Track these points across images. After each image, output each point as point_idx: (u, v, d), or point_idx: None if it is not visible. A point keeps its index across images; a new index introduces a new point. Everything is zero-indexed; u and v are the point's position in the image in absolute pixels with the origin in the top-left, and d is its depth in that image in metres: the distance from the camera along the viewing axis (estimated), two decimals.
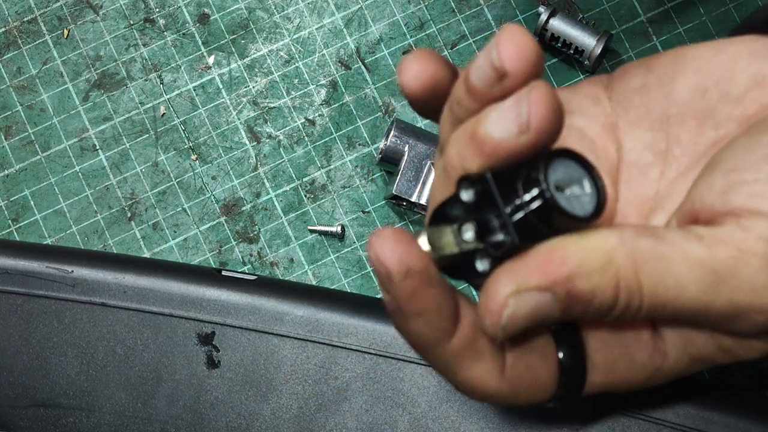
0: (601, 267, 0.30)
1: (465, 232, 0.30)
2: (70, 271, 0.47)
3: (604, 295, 0.30)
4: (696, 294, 0.30)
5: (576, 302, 0.30)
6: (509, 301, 0.29)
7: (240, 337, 0.46)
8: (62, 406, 0.46)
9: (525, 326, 0.30)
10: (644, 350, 0.34)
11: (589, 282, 0.29)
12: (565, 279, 0.29)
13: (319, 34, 0.54)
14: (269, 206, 0.53)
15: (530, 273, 0.29)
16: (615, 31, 0.54)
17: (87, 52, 0.54)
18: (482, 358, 0.32)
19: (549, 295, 0.29)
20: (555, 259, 0.29)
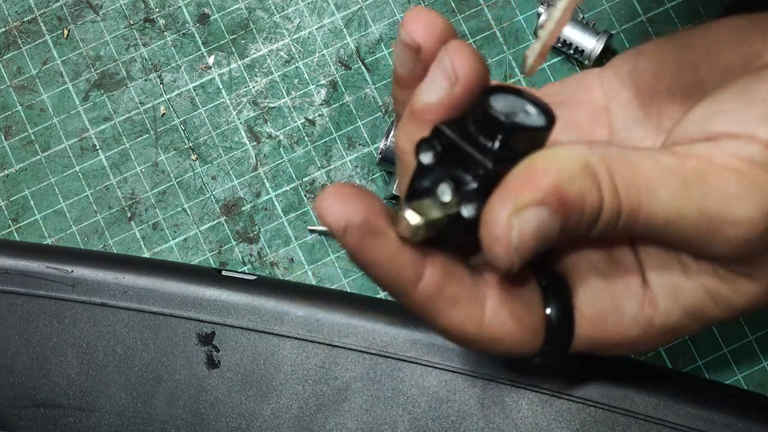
0: (580, 171, 0.30)
1: (442, 195, 0.31)
2: (70, 271, 0.47)
3: (592, 198, 0.30)
4: (666, 199, 0.30)
5: (570, 211, 0.30)
6: (512, 221, 0.29)
7: (240, 337, 0.46)
8: (62, 406, 0.46)
9: (534, 247, 0.30)
10: (634, 301, 0.34)
11: (575, 186, 0.30)
12: (554, 187, 0.29)
13: (319, 34, 0.54)
14: (269, 206, 0.53)
15: (521, 191, 0.29)
16: (615, 31, 0.54)
17: (87, 52, 0.54)
18: (457, 305, 0.32)
19: (545, 208, 0.29)
20: (538, 173, 0.30)
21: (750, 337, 0.51)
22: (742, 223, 0.30)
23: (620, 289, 0.34)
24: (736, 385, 0.50)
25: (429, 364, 0.45)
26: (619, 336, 0.34)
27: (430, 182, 0.31)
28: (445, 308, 0.32)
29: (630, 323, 0.34)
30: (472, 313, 0.32)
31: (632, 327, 0.34)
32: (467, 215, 0.30)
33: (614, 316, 0.34)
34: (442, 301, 0.32)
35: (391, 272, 0.31)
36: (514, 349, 0.33)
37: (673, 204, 0.30)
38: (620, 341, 0.34)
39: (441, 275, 0.32)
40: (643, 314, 0.34)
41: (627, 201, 0.30)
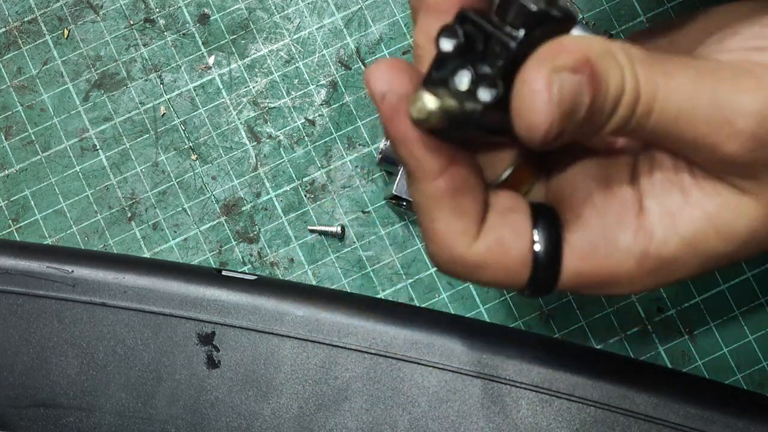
0: (605, 52, 0.30)
1: (460, 83, 0.31)
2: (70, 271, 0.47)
3: (616, 77, 0.30)
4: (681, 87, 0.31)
5: (599, 84, 0.30)
6: (553, 78, 0.29)
7: (240, 337, 0.46)
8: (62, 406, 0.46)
9: (571, 113, 0.30)
10: (628, 230, 0.33)
11: (602, 63, 0.30)
12: (585, 57, 0.30)
13: (319, 34, 0.54)
14: (269, 206, 0.53)
15: (557, 55, 0.29)
16: (615, 31, 0.54)
17: (87, 52, 0.54)
18: (461, 216, 0.32)
19: (579, 76, 0.29)
20: (572, 43, 0.30)
21: (750, 337, 0.51)
22: (752, 115, 0.31)
23: (614, 218, 0.33)
24: (736, 385, 0.50)
25: (429, 364, 0.45)
26: (611, 269, 0.33)
27: (449, 71, 0.31)
28: (448, 214, 0.32)
29: (623, 254, 0.33)
30: (468, 229, 0.32)
31: (625, 259, 0.33)
32: (484, 99, 0.30)
33: (606, 247, 0.33)
34: (448, 205, 0.32)
35: (417, 153, 0.31)
36: (496, 278, 0.33)
37: (687, 92, 0.31)
38: (612, 275, 0.33)
39: (461, 182, 0.32)
40: (637, 244, 0.33)
41: (645, 85, 0.31)
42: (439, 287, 0.52)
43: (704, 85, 0.31)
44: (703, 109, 0.31)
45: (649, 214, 0.33)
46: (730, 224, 0.32)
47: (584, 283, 0.34)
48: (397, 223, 0.53)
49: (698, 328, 0.51)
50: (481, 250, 0.33)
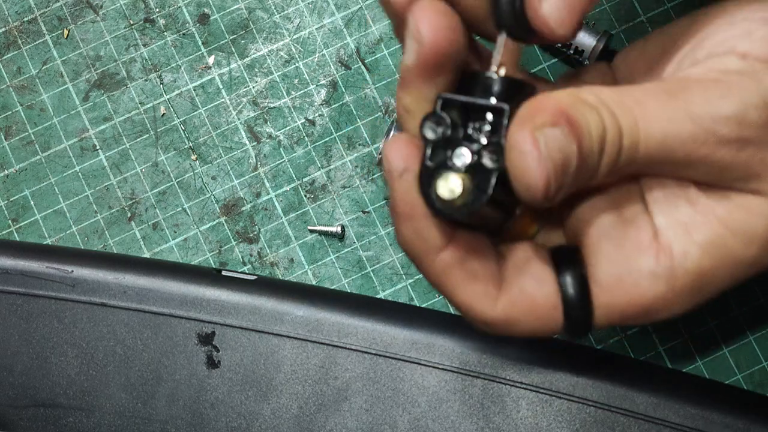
0: (577, 100, 0.31)
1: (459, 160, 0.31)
2: (70, 271, 0.47)
3: (594, 120, 0.31)
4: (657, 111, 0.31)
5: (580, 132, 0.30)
6: (537, 136, 0.30)
7: (240, 337, 0.46)
8: (62, 406, 0.46)
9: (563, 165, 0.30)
10: (648, 254, 0.33)
11: (577, 110, 0.30)
12: (559, 110, 0.30)
13: (319, 34, 0.54)
14: (269, 206, 0.53)
15: (533, 115, 0.30)
16: (615, 31, 0.54)
17: (87, 52, 0.54)
18: (475, 281, 0.33)
19: (559, 129, 0.30)
20: (541, 103, 0.30)
21: (750, 337, 0.51)
22: (730, 119, 0.31)
23: (632, 246, 0.33)
24: (736, 385, 0.50)
25: (429, 364, 0.45)
26: (642, 297, 0.33)
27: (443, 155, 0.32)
28: (462, 282, 0.33)
29: (650, 280, 0.33)
30: (487, 291, 0.33)
31: (654, 283, 0.33)
32: (490, 165, 0.31)
33: (631, 276, 0.33)
34: (460, 275, 0.33)
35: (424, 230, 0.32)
36: (531, 329, 0.34)
37: (664, 114, 0.31)
38: (646, 303, 0.33)
39: (464, 248, 0.33)
40: (660, 265, 0.33)
41: (623, 118, 0.31)
42: None
43: (678, 104, 0.31)
44: (684, 127, 0.31)
45: (663, 230, 0.33)
46: (745, 225, 0.32)
47: (621, 315, 0.34)
48: None
49: (698, 328, 0.51)
50: (506, 307, 0.33)
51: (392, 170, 0.32)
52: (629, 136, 0.31)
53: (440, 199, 0.31)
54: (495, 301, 0.33)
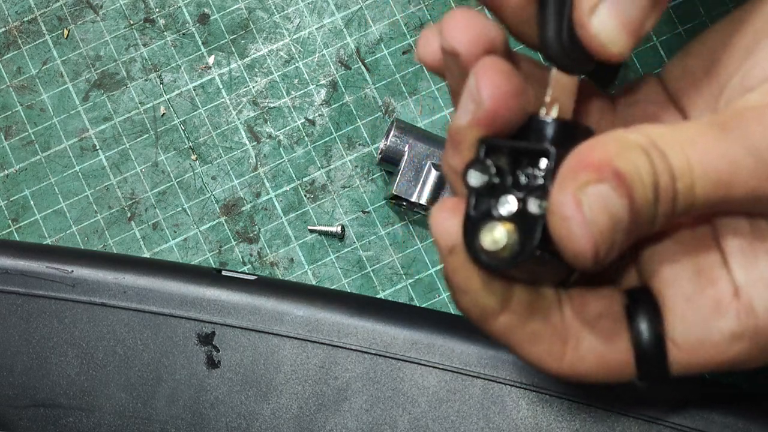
0: (624, 146, 0.28)
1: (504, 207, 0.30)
2: (70, 271, 0.47)
3: (645, 166, 0.28)
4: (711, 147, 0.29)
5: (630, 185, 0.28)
6: (580, 198, 0.27)
7: (240, 337, 0.46)
8: (62, 406, 0.46)
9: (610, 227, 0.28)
10: (730, 315, 0.31)
11: (624, 159, 0.28)
12: (605, 162, 0.28)
13: (319, 34, 0.54)
14: (269, 206, 0.53)
15: (576, 173, 0.28)
16: None
17: (87, 52, 0.54)
18: (537, 340, 0.32)
19: (606, 185, 0.28)
20: (587, 153, 0.28)
21: None
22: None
23: (712, 307, 0.32)
24: (736, 385, 0.50)
25: (429, 364, 0.45)
26: (723, 356, 0.32)
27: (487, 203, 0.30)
28: (524, 343, 0.32)
29: (731, 340, 0.31)
30: (553, 349, 0.32)
31: (736, 344, 0.32)
32: (536, 211, 0.29)
33: (711, 338, 0.31)
34: (521, 336, 0.32)
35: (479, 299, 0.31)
36: (602, 380, 0.33)
37: (718, 151, 0.29)
38: (728, 361, 0.32)
39: (522, 310, 0.32)
40: (742, 326, 0.31)
41: (675, 160, 0.29)
42: (439, 287, 0.52)
43: (734, 139, 0.29)
44: (743, 163, 0.29)
45: (744, 287, 0.31)
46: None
47: (700, 370, 0.33)
48: (397, 223, 0.53)
49: None
50: (574, 364, 0.32)
51: (441, 246, 0.31)
52: (683, 178, 0.29)
53: (485, 251, 0.29)
54: (561, 357, 0.32)
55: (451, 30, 0.31)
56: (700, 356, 0.32)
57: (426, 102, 0.54)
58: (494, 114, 0.30)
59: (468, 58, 0.30)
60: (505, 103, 0.30)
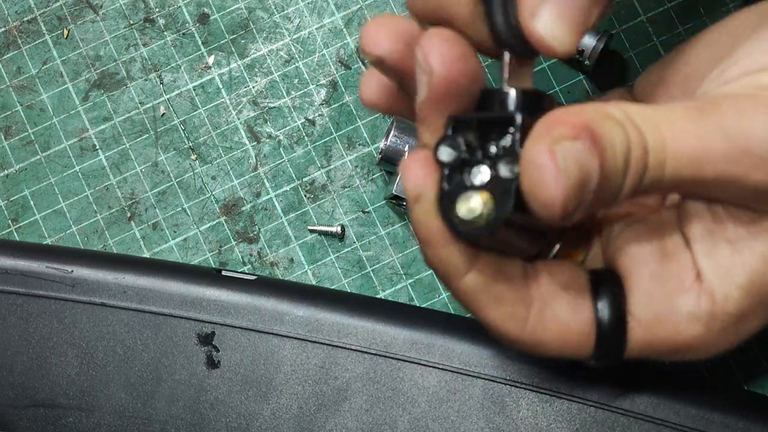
0: (602, 115, 0.29)
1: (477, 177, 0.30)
2: (70, 271, 0.47)
3: (620, 136, 0.29)
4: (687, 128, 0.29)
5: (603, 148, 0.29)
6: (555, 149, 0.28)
7: (240, 337, 0.46)
8: (62, 406, 0.46)
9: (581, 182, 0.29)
10: (690, 295, 0.32)
11: (602, 126, 0.29)
12: (582, 124, 0.28)
13: (319, 34, 0.54)
14: (269, 206, 0.53)
15: (553, 128, 0.29)
16: (615, 31, 0.54)
17: (87, 52, 0.54)
18: (501, 304, 0.32)
19: (580, 143, 0.28)
20: (563, 115, 0.29)
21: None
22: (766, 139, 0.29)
23: (675, 285, 0.32)
24: (736, 385, 0.50)
25: (429, 364, 0.45)
26: (679, 337, 0.32)
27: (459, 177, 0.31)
28: (488, 305, 0.33)
29: (689, 321, 0.32)
30: (515, 313, 0.32)
31: (693, 325, 0.32)
32: (508, 175, 0.30)
33: (670, 315, 0.32)
34: (485, 297, 0.32)
35: (444, 255, 0.32)
36: (560, 353, 0.33)
37: (693, 131, 0.29)
38: (682, 343, 0.33)
39: (489, 271, 0.32)
40: (701, 309, 0.32)
41: (650, 136, 0.29)
42: (439, 287, 0.52)
43: (710, 122, 0.30)
44: (716, 146, 0.29)
45: (706, 273, 0.32)
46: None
47: (654, 351, 0.33)
48: (397, 223, 0.53)
49: None
50: (536, 330, 0.33)
51: (408, 194, 0.31)
52: (655, 153, 0.29)
53: (462, 222, 0.30)
54: (523, 322, 0.33)
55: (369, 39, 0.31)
56: (659, 334, 0.32)
57: None
58: (447, 80, 0.30)
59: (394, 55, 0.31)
60: (455, 66, 0.30)
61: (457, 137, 0.31)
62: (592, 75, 0.54)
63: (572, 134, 0.28)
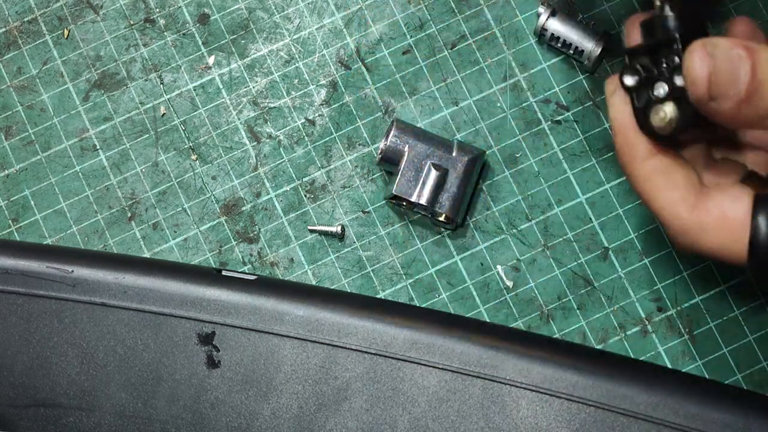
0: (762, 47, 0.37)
1: (658, 90, 0.39)
2: (70, 271, 0.47)
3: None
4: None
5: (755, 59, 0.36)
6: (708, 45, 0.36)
7: (240, 337, 0.46)
8: (62, 406, 0.46)
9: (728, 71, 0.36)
10: None
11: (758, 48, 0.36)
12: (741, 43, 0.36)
13: (319, 34, 0.54)
14: (269, 206, 0.53)
15: (715, 39, 0.37)
16: (615, 31, 0.54)
17: (87, 52, 0.54)
18: (675, 187, 0.39)
19: (732, 48, 0.36)
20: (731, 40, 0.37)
21: (750, 337, 0.51)
22: None
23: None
24: (736, 385, 0.50)
25: (429, 364, 0.45)
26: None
27: (646, 93, 0.39)
28: (664, 187, 0.39)
29: None
30: (686, 197, 0.39)
31: None
32: (681, 83, 0.38)
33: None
34: (662, 180, 0.39)
35: (630, 139, 0.40)
36: (718, 243, 0.38)
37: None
38: None
39: (670, 161, 0.40)
40: None
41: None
42: (439, 287, 0.52)
43: None
44: None
45: None
46: None
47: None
48: (397, 223, 0.53)
49: (698, 328, 0.51)
50: (700, 214, 0.38)
51: (607, 92, 0.40)
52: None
53: (659, 128, 0.39)
54: (692, 207, 0.38)
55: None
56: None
57: (426, 102, 0.54)
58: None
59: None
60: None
61: (635, 65, 0.40)
62: (591, 75, 0.54)
63: (730, 45, 0.36)
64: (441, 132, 0.53)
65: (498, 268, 0.52)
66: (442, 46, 0.54)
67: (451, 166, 0.50)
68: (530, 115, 0.53)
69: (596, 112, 0.53)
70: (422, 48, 0.54)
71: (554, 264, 0.52)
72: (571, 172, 0.53)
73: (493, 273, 0.52)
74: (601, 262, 0.52)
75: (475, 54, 0.54)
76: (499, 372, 0.44)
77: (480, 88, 0.54)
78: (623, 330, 0.51)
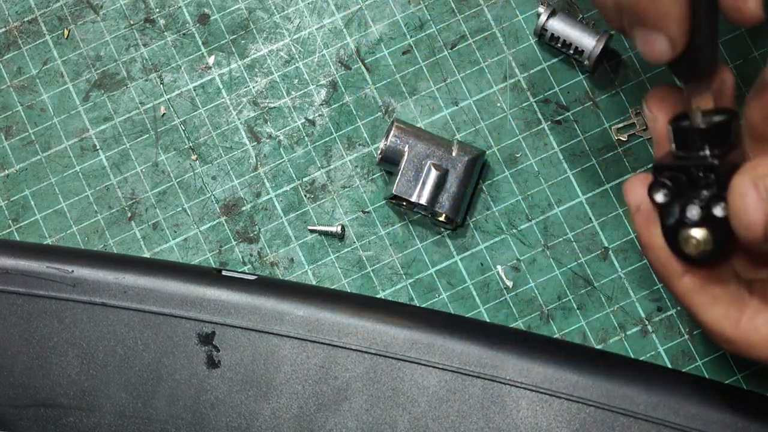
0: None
1: (691, 214, 0.37)
2: (70, 271, 0.47)
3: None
4: None
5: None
6: (757, 181, 0.34)
7: (240, 337, 0.46)
8: (62, 406, 0.46)
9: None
10: None
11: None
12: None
13: (319, 34, 0.54)
14: (269, 206, 0.53)
15: (758, 165, 0.34)
16: (615, 31, 0.54)
17: (87, 52, 0.54)
18: (716, 304, 0.37)
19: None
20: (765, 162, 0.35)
21: None
22: None
23: None
24: (736, 385, 0.50)
25: (429, 364, 0.45)
26: None
27: (676, 214, 0.37)
28: (705, 305, 0.38)
29: None
30: (730, 314, 0.37)
31: None
32: (722, 214, 0.36)
33: None
34: (702, 297, 0.38)
35: (662, 259, 0.38)
36: (766, 357, 0.37)
37: None
38: None
39: (706, 275, 0.38)
40: None
41: None
42: (439, 287, 0.52)
43: None
44: None
45: None
46: None
47: None
48: (397, 223, 0.53)
49: (698, 328, 0.51)
50: (747, 331, 0.37)
51: (630, 205, 0.38)
52: None
53: (690, 254, 0.37)
54: (737, 322, 0.37)
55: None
56: None
57: (426, 102, 0.54)
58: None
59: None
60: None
61: (666, 182, 0.37)
62: (592, 75, 0.54)
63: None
64: (441, 132, 0.53)
65: (498, 268, 0.52)
66: (442, 46, 0.54)
67: (451, 166, 0.50)
68: (530, 115, 0.53)
69: (596, 112, 0.53)
70: (422, 48, 0.54)
71: (554, 264, 0.52)
72: (571, 172, 0.53)
73: (493, 273, 0.52)
74: (601, 262, 0.52)
75: (475, 54, 0.54)
76: (499, 372, 0.44)
77: (480, 88, 0.54)
78: (623, 330, 0.51)
